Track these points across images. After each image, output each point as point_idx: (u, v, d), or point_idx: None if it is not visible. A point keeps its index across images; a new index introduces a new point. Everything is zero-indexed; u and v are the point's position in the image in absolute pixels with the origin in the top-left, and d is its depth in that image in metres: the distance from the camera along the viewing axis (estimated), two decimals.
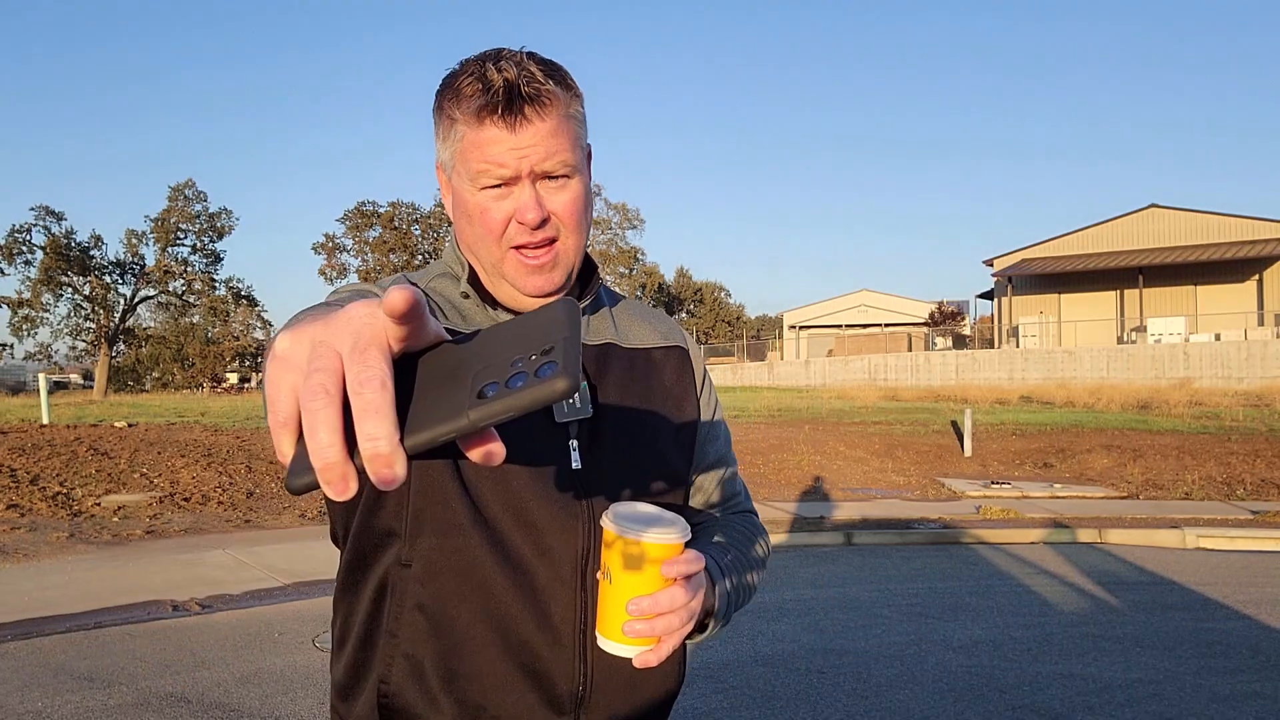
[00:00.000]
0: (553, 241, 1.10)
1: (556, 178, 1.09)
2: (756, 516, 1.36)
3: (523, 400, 0.52)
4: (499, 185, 1.07)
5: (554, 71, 1.09)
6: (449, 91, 1.08)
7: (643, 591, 0.97)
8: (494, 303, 1.16)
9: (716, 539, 1.23)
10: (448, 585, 1.07)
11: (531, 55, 1.09)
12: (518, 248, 1.09)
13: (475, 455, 0.57)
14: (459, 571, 1.07)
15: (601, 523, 0.99)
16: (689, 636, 1.09)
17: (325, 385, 0.52)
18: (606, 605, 1.00)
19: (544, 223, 1.08)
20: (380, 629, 1.11)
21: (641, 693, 1.15)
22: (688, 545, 1.01)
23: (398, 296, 0.52)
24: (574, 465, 1.11)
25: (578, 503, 1.10)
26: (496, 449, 0.56)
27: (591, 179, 1.18)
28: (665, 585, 0.98)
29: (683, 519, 1.01)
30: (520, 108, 1.04)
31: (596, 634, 1.02)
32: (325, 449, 0.51)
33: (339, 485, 0.51)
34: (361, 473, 0.52)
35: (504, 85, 1.04)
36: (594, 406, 1.14)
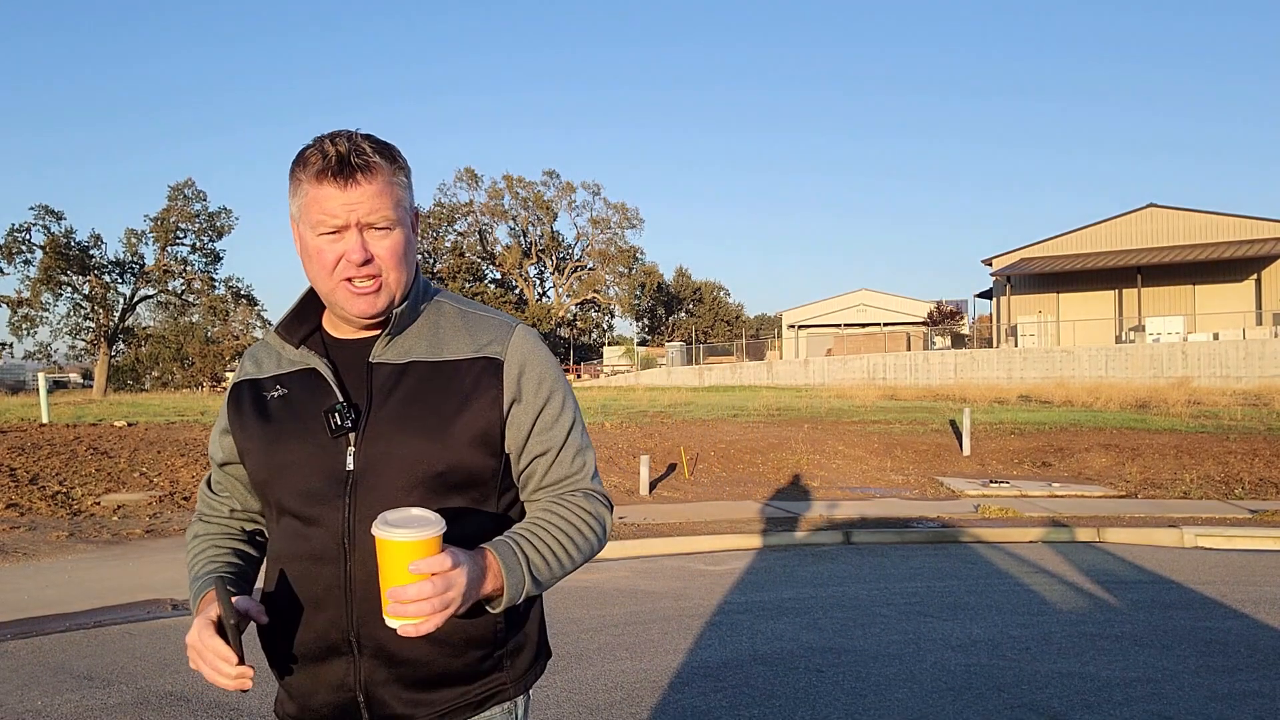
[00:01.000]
0: (375, 277, 1.42)
1: (379, 229, 1.40)
2: (592, 493, 1.54)
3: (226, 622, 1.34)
4: (332, 232, 1.39)
5: (383, 149, 1.42)
6: (299, 160, 1.41)
7: (397, 582, 1.24)
8: (300, 340, 1.53)
9: (527, 524, 1.47)
10: (270, 566, 1.50)
11: (367, 136, 1.42)
12: (347, 280, 1.41)
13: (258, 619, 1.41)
14: (275, 554, 1.49)
15: (372, 530, 1.26)
16: (482, 608, 1.39)
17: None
18: (382, 590, 1.27)
19: (368, 261, 1.40)
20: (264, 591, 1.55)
21: (420, 638, 1.39)
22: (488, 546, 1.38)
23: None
24: (347, 468, 1.42)
25: (343, 494, 1.42)
26: (259, 616, 1.42)
27: (416, 233, 1.52)
28: (416, 579, 1.23)
29: (438, 521, 1.26)
30: (351, 173, 1.37)
31: (385, 616, 1.28)
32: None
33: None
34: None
35: (337, 155, 1.37)
36: (368, 420, 1.43)
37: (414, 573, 1.23)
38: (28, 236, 45.31)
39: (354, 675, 1.44)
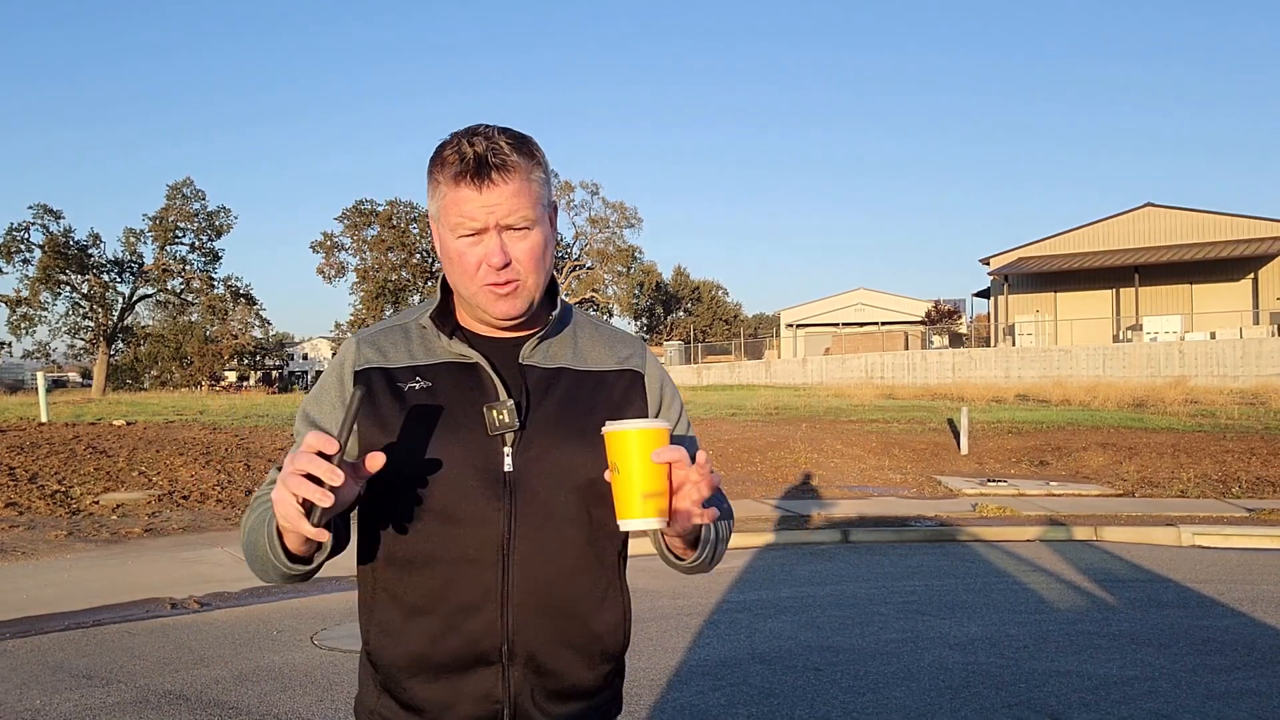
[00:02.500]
0: (515, 280, 1.37)
1: (518, 229, 1.35)
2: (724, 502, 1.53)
3: (346, 415, 1.20)
4: (472, 235, 1.34)
5: (521, 144, 1.36)
6: (436, 159, 1.36)
7: (645, 472, 1.21)
8: (451, 332, 1.44)
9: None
10: (395, 569, 1.38)
11: (504, 131, 1.37)
12: (488, 285, 1.36)
13: (370, 466, 1.21)
14: (404, 557, 1.38)
15: (604, 430, 1.26)
16: (679, 558, 1.40)
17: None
18: (619, 493, 1.24)
19: (507, 265, 1.35)
20: (362, 605, 1.45)
21: (568, 647, 1.39)
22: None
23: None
24: (505, 469, 1.37)
25: (502, 495, 1.36)
26: (372, 461, 1.21)
27: (555, 229, 1.45)
28: (660, 466, 1.21)
29: (666, 421, 1.28)
30: (487, 174, 1.32)
31: (618, 521, 1.25)
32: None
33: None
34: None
35: (475, 156, 1.32)
36: (525, 420, 1.39)
37: (657, 460, 1.21)
38: (27, 235, 45.27)
39: (502, 686, 1.37)
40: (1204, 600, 6.60)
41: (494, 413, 1.37)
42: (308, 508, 1.14)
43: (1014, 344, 34.64)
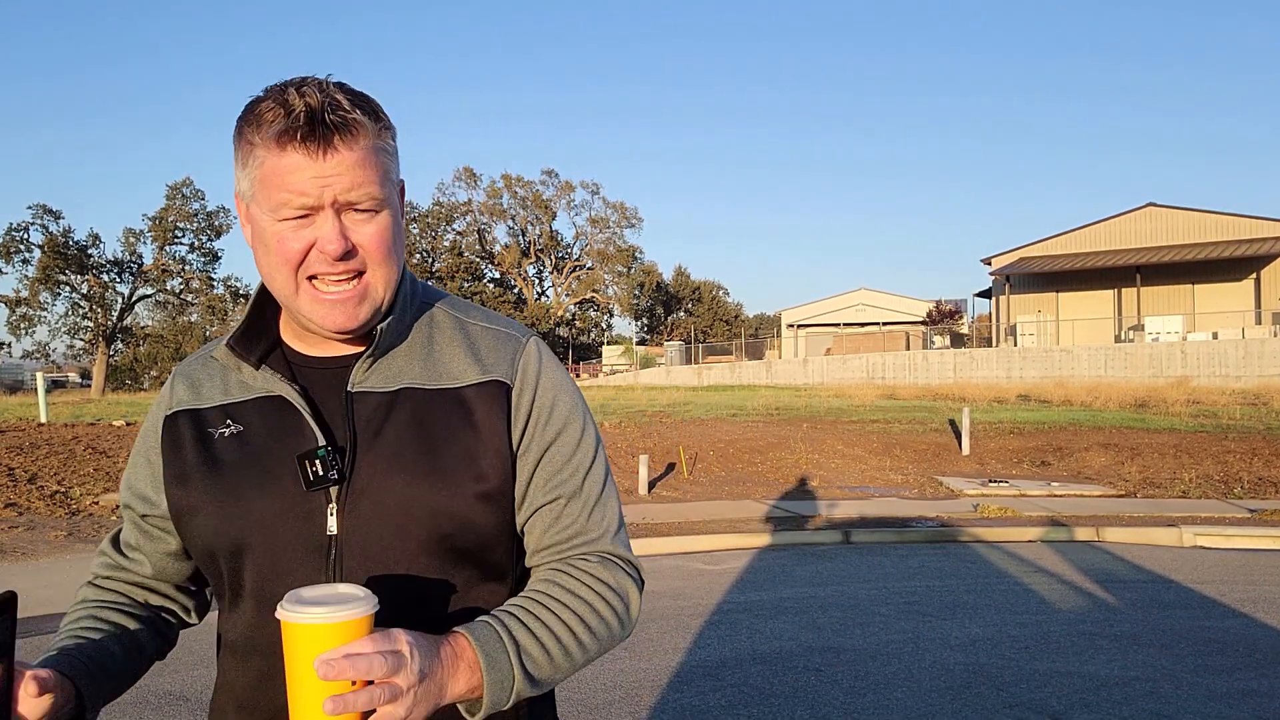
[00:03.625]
0: (359, 275, 1.06)
1: (362, 210, 1.04)
2: (611, 558, 1.15)
3: None
4: (299, 216, 1.03)
5: (363, 101, 1.05)
6: (249, 116, 1.04)
7: (306, 682, 0.86)
8: (261, 358, 1.14)
9: (519, 600, 1.09)
10: (226, 653, 1.17)
11: (340, 85, 1.06)
12: (313, 277, 1.05)
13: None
14: (228, 643, 1.17)
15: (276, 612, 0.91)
16: None
17: None
18: (295, 703, 0.88)
19: (348, 254, 1.04)
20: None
21: None
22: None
23: None
24: (329, 532, 1.06)
25: (324, 568, 1.06)
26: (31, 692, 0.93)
27: (403, 213, 1.13)
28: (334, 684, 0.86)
29: (369, 598, 0.90)
30: (326, 136, 1.00)
31: None
32: None
33: None
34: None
35: (305, 110, 1.00)
36: (353, 467, 1.07)
37: (323, 667, 0.84)
38: (26, 235, 45.28)
39: None
40: (1206, 601, 6.58)
41: (306, 463, 1.06)
42: None
43: (1015, 344, 34.63)
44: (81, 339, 49.19)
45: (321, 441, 1.08)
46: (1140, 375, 29.50)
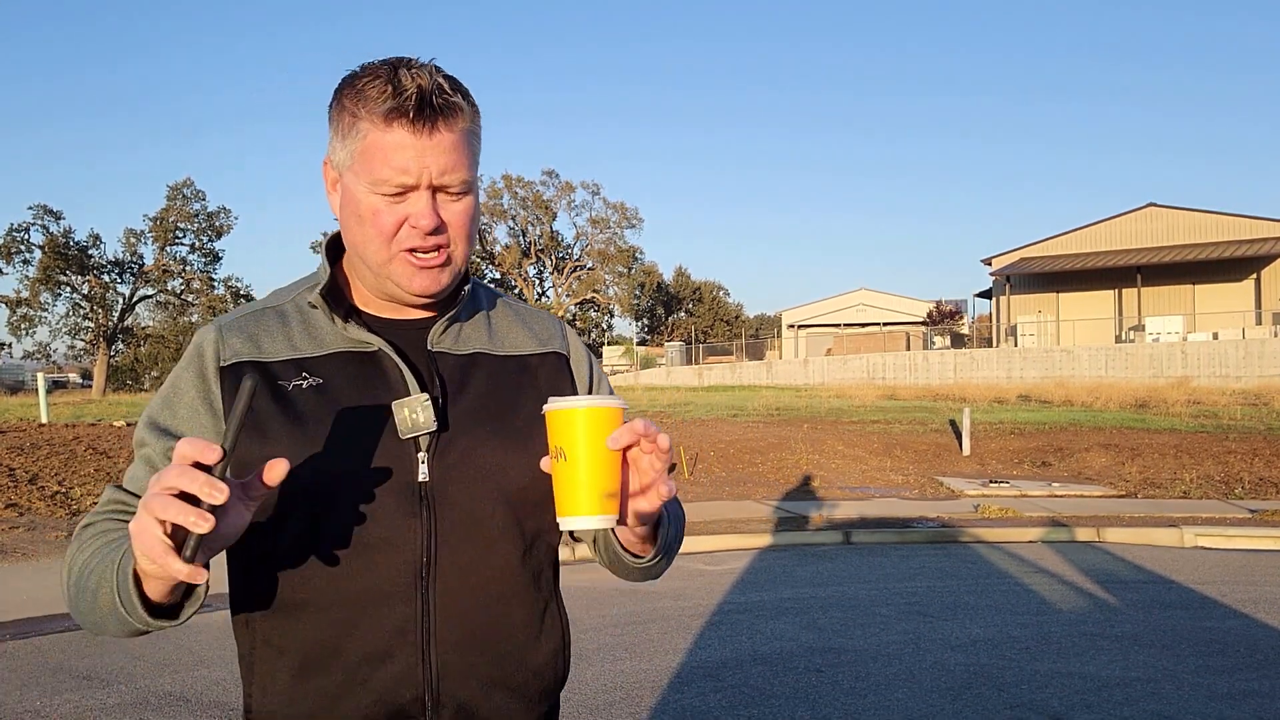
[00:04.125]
0: (442, 248, 1.13)
1: (453, 192, 1.12)
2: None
3: (236, 410, 0.89)
4: (397, 193, 1.09)
5: (459, 86, 1.11)
6: (352, 91, 1.09)
7: (596, 459, 1.00)
8: (349, 314, 1.18)
9: None
10: (281, 617, 1.12)
11: (438, 68, 1.11)
12: (409, 250, 1.12)
13: (268, 479, 0.93)
14: (290, 603, 1.11)
15: (544, 409, 1.03)
16: (635, 557, 1.18)
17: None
18: (564, 485, 1.02)
19: (437, 230, 1.11)
20: (241, 659, 1.17)
21: (503, 688, 1.16)
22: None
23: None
24: (420, 478, 1.12)
25: (418, 512, 1.11)
26: (271, 471, 0.92)
27: (480, 189, 1.21)
28: (614, 454, 1.01)
29: (620, 399, 1.04)
30: (432, 117, 1.07)
31: (558, 519, 1.04)
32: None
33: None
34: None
35: (418, 91, 1.06)
36: (444, 419, 1.15)
37: (612, 446, 0.99)
38: (26, 236, 45.28)
39: None
40: (1206, 601, 6.58)
41: (406, 411, 1.12)
42: (179, 539, 0.87)
43: (1016, 344, 34.63)
44: (82, 339, 49.21)
45: (418, 392, 1.14)
46: (1141, 375, 29.50)
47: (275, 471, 0.93)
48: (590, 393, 1.30)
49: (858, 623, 6.03)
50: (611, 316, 71.19)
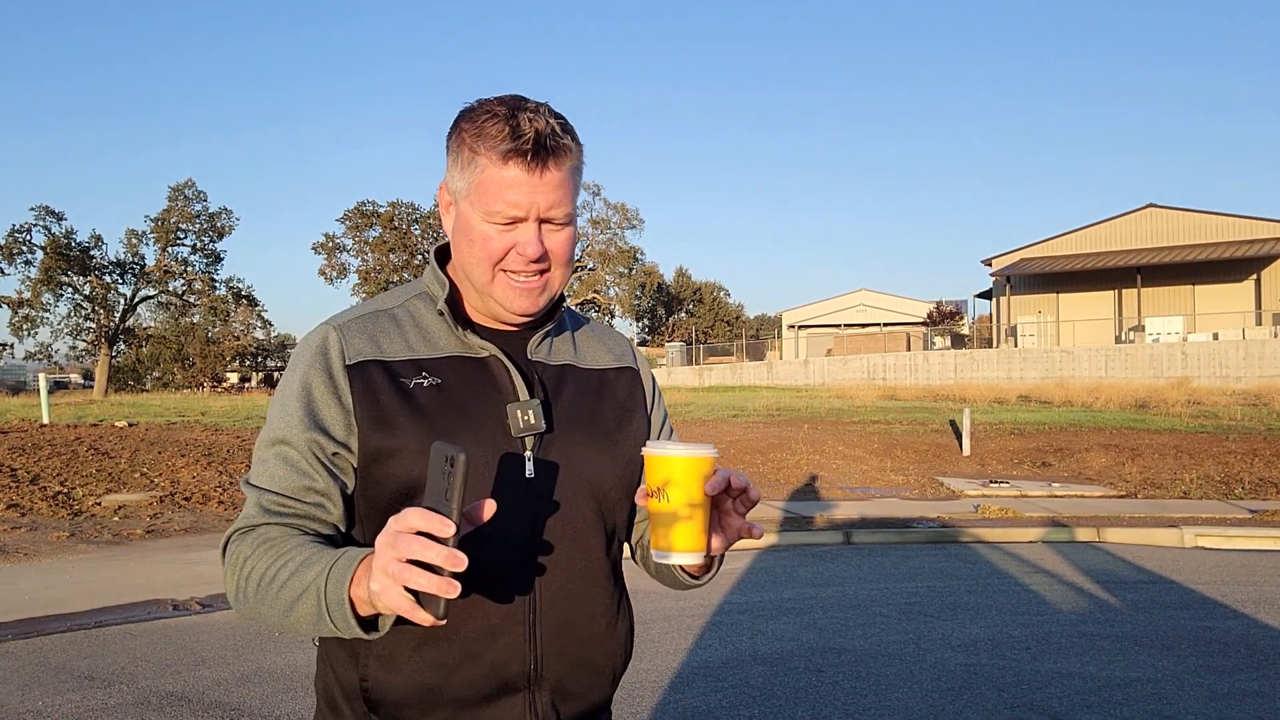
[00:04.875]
0: (543, 273, 1.25)
1: (557, 224, 1.23)
2: None
3: (454, 485, 0.96)
4: (508, 222, 1.20)
5: (569, 128, 1.23)
6: (472, 127, 1.20)
7: (692, 503, 1.12)
8: (465, 323, 1.29)
9: None
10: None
11: (551, 109, 1.22)
12: (510, 273, 1.23)
13: (482, 517, 1.02)
14: None
15: (643, 451, 1.15)
16: (694, 578, 1.31)
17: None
18: (661, 522, 1.14)
19: (541, 258, 1.22)
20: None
21: (588, 667, 1.28)
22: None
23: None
24: (528, 474, 1.23)
25: (526, 507, 1.22)
26: (483, 511, 1.01)
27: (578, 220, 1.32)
28: (706, 497, 1.12)
29: (712, 448, 1.14)
30: (545, 158, 1.18)
31: (653, 550, 1.16)
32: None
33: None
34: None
35: (534, 135, 1.17)
36: (548, 421, 1.26)
37: (712, 492, 1.12)
38: (28, 237, 45.32)
39: (530, 714, 1.23)
40: (1207, 602, 6.59)
41: (519, 413, 1.23)
42: (423, 597, 0.96)
43: (1016, 345, 34.62)
44: (84, 340, 49.24)
45: (527, 395, 1.26)
46: (1141, 376, 29.49)
47: (487, 510, 1.02)
48: (653, 408, 1.44)
49: (858, 623, 6.04)
50: (612, 317, 71.13)
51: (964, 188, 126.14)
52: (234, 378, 57.99)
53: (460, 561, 0.94)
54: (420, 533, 0.94)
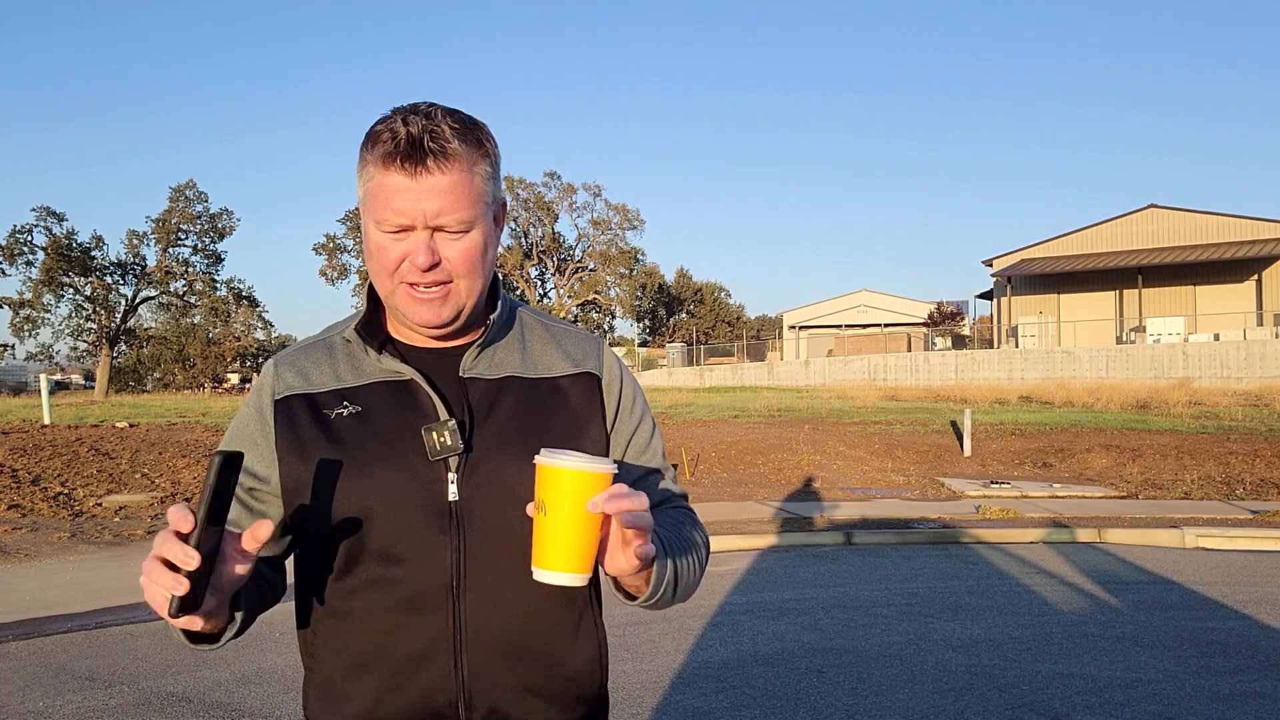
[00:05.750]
0: (444, 283, 1.20)
1: (453, 232, 1.18)
2: (692, 511, 1.41)
3: (206, 482, 0.98)
4: (398, 230, 1.17)
5: (467, 130, 1.18)
6: (368, 136, 1.18)
7: (573, 521, 1.04)
8: (380, 346, 1.27)
9: (667, 528, 1.29)
10: (335, 620, 1.24)
11: (451, 112, 1.19)
12: (408, 285, 1.20)
13: (254, 538, 1.02)
14: (341, 609, 1.23)
15: (535, 460, 1.08)
16: (629, 597, 1.21)
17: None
18: (540, 536, 1.07)
19: (434, 267, 1.18)
20: (305, 665, 1.30)
21: (537, 694, 1.24)
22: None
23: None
24: (450, 497, 1.21)
25: (448, 529, 1.20)
26: (256, 532, 1.02)
27: (501, 226, 1.28)
28: (597, 516, 1.05)
29: (609, 462, 1.07)
30: (421, 160, 1.14)
31: (532, 567, 1.08)
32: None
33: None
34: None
35: (408, 138, 1.14)
36: (471, 440, 1.23)
37: (593, 510, 1.03)
38: (29, 238, 45.37)
39: None
40: (1208, 602, 6.58)
41: (434, 435, 1.21)
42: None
43: (1017, 345, 34.62)
44: (85, 341, 49.26)
45: (445, 416, 1.23)
46: (1142, 376, 29.48)
47: (259, 533, 1.02)
48: (617, 417, 1.35)
49: (859, 623, 6.04)
50: (613, 318, 71.15)
51: (965, 188, 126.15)
52: (235, 378, 57.97)
53: (189, 559, 0.96)
54: (175, 532, 0.98)
